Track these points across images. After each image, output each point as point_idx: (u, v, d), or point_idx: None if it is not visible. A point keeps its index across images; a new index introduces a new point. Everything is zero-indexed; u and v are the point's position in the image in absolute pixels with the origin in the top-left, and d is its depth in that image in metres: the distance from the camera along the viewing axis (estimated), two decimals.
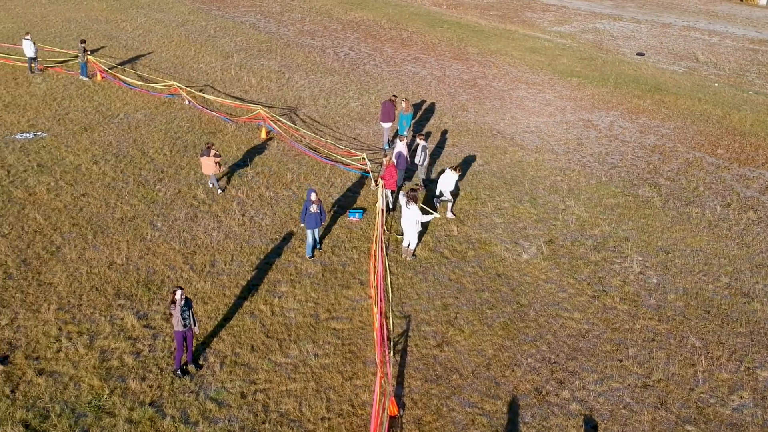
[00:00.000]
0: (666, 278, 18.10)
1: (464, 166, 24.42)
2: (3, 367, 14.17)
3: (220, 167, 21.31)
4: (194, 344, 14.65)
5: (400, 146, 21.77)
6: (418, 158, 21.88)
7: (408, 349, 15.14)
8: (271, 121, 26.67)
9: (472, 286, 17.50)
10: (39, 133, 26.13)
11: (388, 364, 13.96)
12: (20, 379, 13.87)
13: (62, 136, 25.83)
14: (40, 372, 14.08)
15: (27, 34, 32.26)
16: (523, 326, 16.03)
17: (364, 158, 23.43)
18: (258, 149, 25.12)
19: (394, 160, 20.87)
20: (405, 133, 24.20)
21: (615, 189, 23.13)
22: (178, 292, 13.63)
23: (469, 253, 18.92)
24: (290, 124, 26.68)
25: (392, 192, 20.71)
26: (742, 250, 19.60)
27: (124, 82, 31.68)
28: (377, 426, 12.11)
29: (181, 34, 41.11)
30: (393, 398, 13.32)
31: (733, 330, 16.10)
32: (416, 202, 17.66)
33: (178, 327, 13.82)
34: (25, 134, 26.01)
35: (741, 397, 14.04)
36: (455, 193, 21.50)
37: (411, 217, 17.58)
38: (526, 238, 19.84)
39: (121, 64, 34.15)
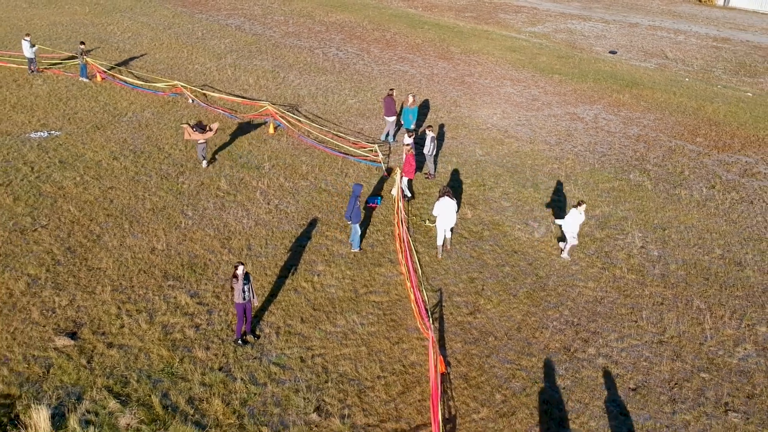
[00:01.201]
0: (666, 251, 19.87)
1: (466, 156, 25.95)
2: (74, 341, 15.18)
3: (213, 132, 23.50)
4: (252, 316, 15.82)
5: (409, 140, 23.19)
6: (427, 149, 23.33)
7: (444, 317, 16.58)
8: (280, 116, 27.81)
9: (492, 261, 19.01)
10: (53, 132, 26.89)
11: (430, 329, 15.35)
12: (93, 351, 14.91)
13: (76, 134, 26.63)
14: (110, 345, 15.14)
15: (27, 35, 32.84)
16: (544, 295, 17.60)
17: (375, 150, 24.78)
18: (269, 144, 26.29)
19: (413, 152, 22.23)
20: (411, 127, 25.57)
21: (608, 175, 24.91)
22: (240, 268, 14.84)
23: (485, 234, 20.44)
24: (301, 119, 27.88)
25: (410, 181, 22.08)
26: (730, 226, 21.50)
27: (125, 82, 32.47)
28: (435, 381, 13.50)
29: (170, 37, 41.92)
30: (441, 357, 14.71)
31: (731, 293, 17.90)
32: (452, 197, 18.78)
33: (239, 299, 15.01)
34: (39, 133, 26.75)
35: (745, 349, 15.79)
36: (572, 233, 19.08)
37: (450, 210, 18.58)
38: (534, 219, 21.44)
39: (116, 66, 34.86)
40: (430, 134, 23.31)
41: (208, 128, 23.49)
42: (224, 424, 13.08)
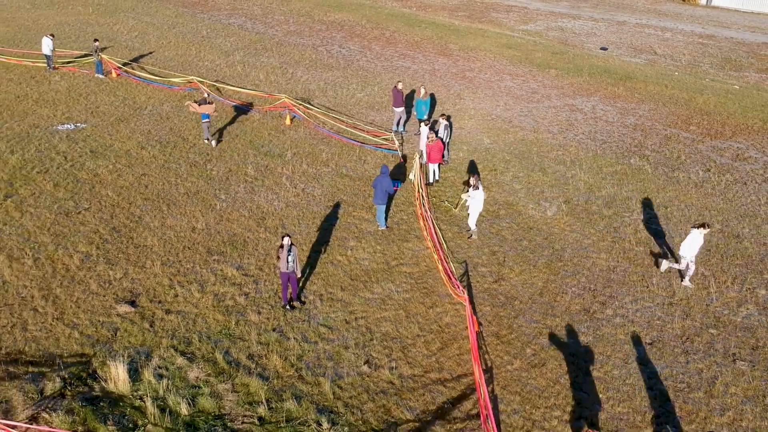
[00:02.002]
0: (669, 226, 21.45)
1: (475, 144, 27.45)
2: (134, 309, 16.44)
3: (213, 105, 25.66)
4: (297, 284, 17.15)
5: (425, 129, 24.63)
6: (442, 135, 24.77)
7: (471, 285, 18.01)
8: (297, 108, 29.14)
9: (511, 236, 20.49)
10: (78, 124, 28.04)
11: (464, 291, 16.78)
12: (153, 317, 16.18)
13: (101, 126, 27.80)
14: (168, 311, 16.42)
15: (52, 34, 33.96)
16: (561, 265, 19.10)
17: (392, 138, 26.20)
18: (287, 134, 27.62)
19: (436, 138, 23.63)
20: (425, 117, 26.99)
21: (610, 160, 26.50)
22: (286, 239, 16.17)
23: (501, 212, 21.91)
24: (319, 109, 29.21)
25: (439, 165, 23.54)
26: (727, 204, 23.14)
27: (141, 78, 33.64)
28: (474, 338, 14.93)
29: (176, 36, 43.08)
30: (474, 317, 16.15)
31: (732, 262, 19.51)
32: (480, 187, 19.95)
33: (284, 269, 16.34)
34: (66, 125, 27.90)
35: (747, 309, 17.37)
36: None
37: (476, 198, 19.80)
38: (545, 200, 22.95)
39: (129, 62, 36.01)
40: (443, 122, 24.74)
41: (208, 102, 25.71)
42: (284, 375, 14.41)
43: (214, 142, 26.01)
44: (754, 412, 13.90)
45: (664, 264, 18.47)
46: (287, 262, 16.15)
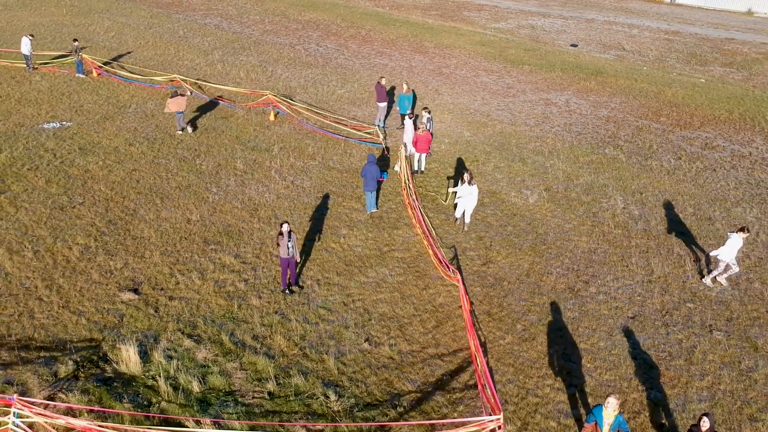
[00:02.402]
0: (645, 211, 22.52)
1: (456, 137, 28.32)
2: (137, 296, 16.97)
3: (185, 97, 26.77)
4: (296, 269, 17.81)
5: (409, 122, 25.41)
6: (427, 127, 25.57)
7: (461, 267, 18.83)
8: (281, 104, 29.75)
9: (496, 222, 21.37)
10: (64, 123, 28.33)
11: (457, 272, 17.59)
12: (157, 303, 16.73)
13: (87, 124, 28.12)
14: (171, 298, 16.97)
15: (31, 35, 34.10)
16: (545, 248, 20.02)
17: (376, 131, 26.95)
18: (273, 130, 28.21)
19: (428, 132, 24.40)
20: (408, 111, 27.77)
21: (586, 150, 27.55)
22: (285, 226, 16.83)
23: (485, 201, 22.77)
24: (304, 105, 29.84)
25: (427, 155, 24.33)
26: (698, 189, 24.30)
27: (123, 77, 33.94)
28: (469, 318, 15.75)
29: (153, 36, 43.34)
30: (467, 296, 16.97)
31: (705, 242, 20.60)
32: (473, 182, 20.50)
33: (284, 254, 17.00)
34: (52, 124, 28.17)
35: (721, 285, 18.42)
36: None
37: (472, 194, 20.26)
38: (527, 188, 23.89)
39: (107, 62, 36.25)
40: (426, 114, 25.53)
41: (180, 94, 26.69)
42: (289, 354, 15.08)
43: (190, 128, 27.13)
44: (731, 376, 14.91)
45: (706, 280, 18.33)
46: (287, 248, 16.78)
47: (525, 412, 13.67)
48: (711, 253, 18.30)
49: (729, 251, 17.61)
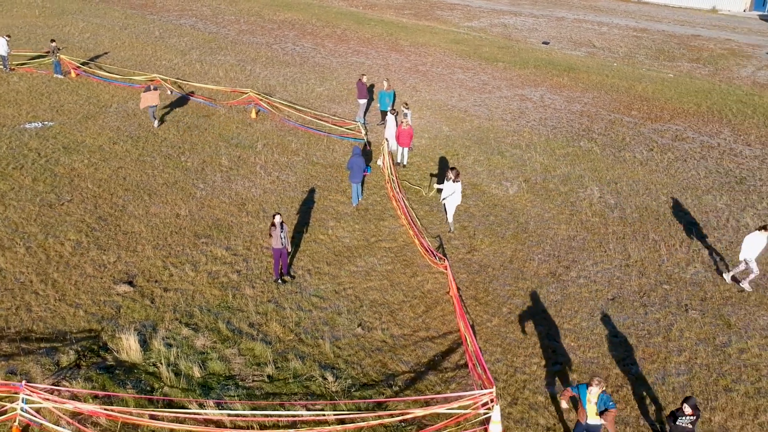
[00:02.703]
0: (620, 199, 23.37)
1: (435, 132, 28.99)
2: (133, 288, 17.34)
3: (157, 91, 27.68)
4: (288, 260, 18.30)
5: (390, 118, 26.01)
6: (410, 121, 26.17)
7: (447, 256, 19.46)
8: (262, 102, 30.16)
9: (478, 213, 22.05)
10: (46, 123, 28.45)
11: (444, 259, 18.22)
12: (152, 294, 17.12)
13: (69, 124, 28.28)
14: (166, 289, 17.37)
15: (8, 35, 34.07)
16: (526, 236, 20.75)
17: (358, 127, 27.51)
18: (255, 127, 28.63)
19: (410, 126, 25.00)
20: (388, 109, 28.34)
21: (562, 143, 28.39)
22: (277, 217, 17.31)
23: (467, 192, 23.44)
24: (286, 103, 30.27)
25: (409, 149, 24.93)
26: (670, 179, 25.24)
27: (101, 77, 34.06)
28: (458, 301, 16.38)
29: (129, 36, 43.42)
30: (454, 282, 17.61)
31: (678, 228, 21.50)
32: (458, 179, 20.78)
33: (276, 245, 17.49)
34: (34, 123, 28.28)
35: (695, 267, 19.31)
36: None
37: (456, 192, 20.36)
38: (506, 180, 24.62)
39: (85, 63, 36.33)
40: (405, 110, 26.14)
41: (153, 88, 27.55)
42: (285, 340, 15.58)
43: (156, 123, 28.07)
44: (707, 351, 15.73)
45: (726, 276, 18.53)
46: (280, 238, 17.26)
47: (514, 388, 14.33)
48: (740, 257, 17.88)
49: (748, 249, 17.51)
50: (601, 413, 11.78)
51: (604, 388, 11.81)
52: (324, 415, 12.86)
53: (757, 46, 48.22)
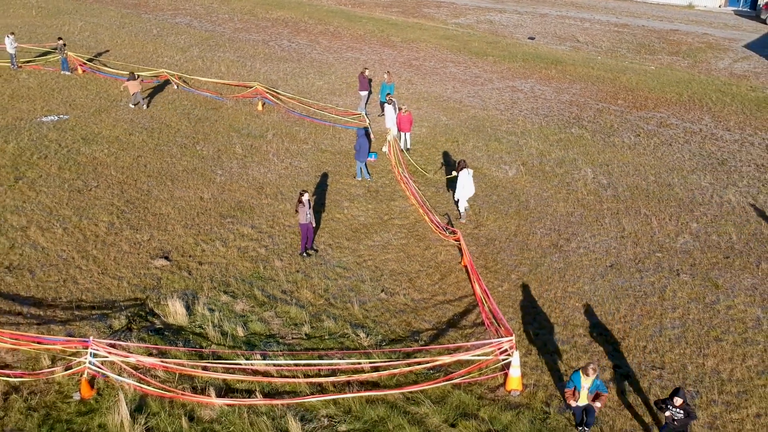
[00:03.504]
0: (612, 179, 25.10)
1: (434, 122, 30.57)
2: (169, 262, 18.72)
3: (141, 85, 30.21)
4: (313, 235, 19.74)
5: (389, 108, 27.54)
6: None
7: (456, 231, 21.04)
8: (269, 94, 31.56)
9: (481, 193, 23.65)
10: (62, 116, 29.65)
11: (457, 234, 19.78)
12: (189, 267, 18.51)
13: (83, 117, 29.51)
14: (200, 263, 18.78)
15: (12, 33, 35.17)
16: (528, 213, 22.38)
17: (362, 116, 29.02)
18: (262, 118, 30.02)
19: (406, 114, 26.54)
20: (386, 99, 29.84)
21: (554, 130, 30.10)
22: (305, 195, 18.77)
23: None
24: (292, 95, 31.68)
25: (409, 134, 26.47)
26: (657, 161, 27.02)
27: (108, 73, 35.24)
28: (472, 267, 17.95)
29: (128, 34, 44.56)
30: (467, 251, 19.19)
31: (667, 204, 23.24)
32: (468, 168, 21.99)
33: (303, 221, 18.94)
34: (50, 117, 29.47)
35: (684, 238, 21.05)
36: None
37: (469, 181, 21.30)
38: (505, 163, 26.26)
39: (90, 60, 37.45)
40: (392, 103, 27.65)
41: (136, 76, 29.66)
42: (316, 303, 17.07)
43: (145, 105, 30.37)
44: (698, 308, 17.44)
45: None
46: (306, 214, 18.72)
47: (527, 341, 15.93)
48: None
49: None
50: (594, 398, 12.54)
51: (597, 374, 12.53)
52: (360, 364, 14.35)
53: (733, 39, 50.35)
